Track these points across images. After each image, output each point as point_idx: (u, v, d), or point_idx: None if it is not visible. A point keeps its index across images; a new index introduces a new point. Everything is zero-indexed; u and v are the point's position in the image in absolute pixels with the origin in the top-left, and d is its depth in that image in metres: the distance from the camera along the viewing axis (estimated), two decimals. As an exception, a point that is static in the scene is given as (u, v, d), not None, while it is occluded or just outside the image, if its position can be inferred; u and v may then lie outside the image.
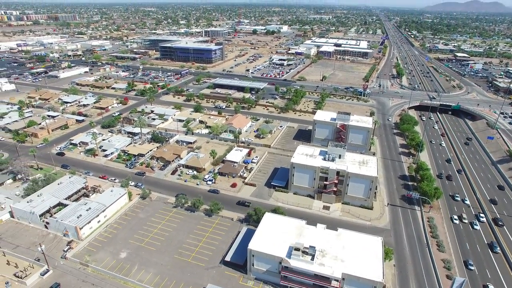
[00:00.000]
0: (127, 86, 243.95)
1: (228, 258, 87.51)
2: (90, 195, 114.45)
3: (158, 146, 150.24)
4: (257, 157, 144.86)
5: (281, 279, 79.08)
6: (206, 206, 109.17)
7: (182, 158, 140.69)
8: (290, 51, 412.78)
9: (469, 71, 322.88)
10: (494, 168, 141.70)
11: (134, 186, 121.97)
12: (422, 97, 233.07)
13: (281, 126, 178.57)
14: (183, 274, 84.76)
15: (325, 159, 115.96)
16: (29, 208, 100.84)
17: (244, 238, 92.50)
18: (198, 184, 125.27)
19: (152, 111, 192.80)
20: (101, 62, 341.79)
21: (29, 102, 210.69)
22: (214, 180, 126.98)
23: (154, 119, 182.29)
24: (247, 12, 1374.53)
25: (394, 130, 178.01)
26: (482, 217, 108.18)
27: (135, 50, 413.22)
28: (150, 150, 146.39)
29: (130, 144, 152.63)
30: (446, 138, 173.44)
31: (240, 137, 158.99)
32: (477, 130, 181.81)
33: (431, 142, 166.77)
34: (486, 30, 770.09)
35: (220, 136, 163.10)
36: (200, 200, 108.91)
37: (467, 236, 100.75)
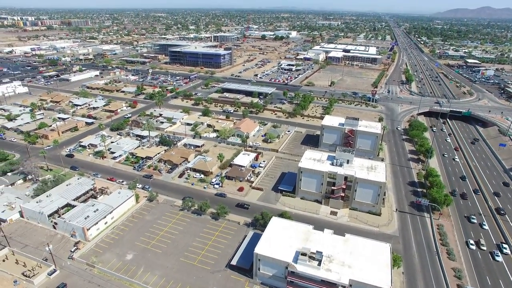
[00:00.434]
0: (136, 89, 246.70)
1: (234, 262, 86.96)
2: (98, 197, 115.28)
3: (166, 149, 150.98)
4: (264, 161, 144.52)
5: (287, 284, 78.12)
6: (212, 209, 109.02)
7: (189, 162, 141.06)
8: (298, 57, 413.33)
9: (480, 78, 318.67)
10: (506, 175, 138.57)
11: (142, 188, 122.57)
12: (431, 103, 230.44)
13: (289, 131, 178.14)
14: (189, 277, 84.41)
15: (333, 164, 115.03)
16: (38, 208, 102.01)
17: (250, 242, 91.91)
18: (205, 187, 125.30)
19: (160, 115, 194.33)
20: (111, 66, 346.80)
21: (40, 105, 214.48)
22: (221, 183, 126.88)
23: (162, 123, 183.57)
24: (256, 18, 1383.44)
25: (403, 136, 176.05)
26: (505, 247, 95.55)
27: (145, 55, 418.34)
28: (158, 153, 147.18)
29: (138, 146, 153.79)
30: (460, 152, 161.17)
31: (247, 141, 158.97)
32: (488, 137, 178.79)
33: (444, 155, 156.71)
34: (498, 36, 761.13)
35: (227, 140, 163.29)
36: (207, 203, 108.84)
37: (487, 267, 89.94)
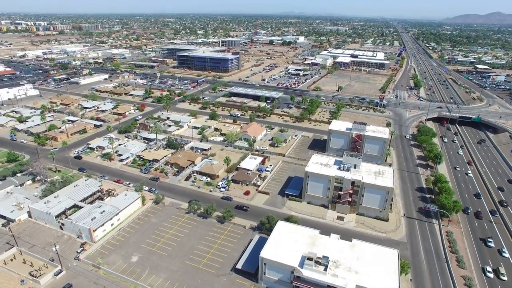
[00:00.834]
0: (145, 93, 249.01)
1: (239, 266, 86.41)
2: (105, 198, 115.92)
3: (172, 152, 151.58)
4: (271, 165, 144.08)
5: (292, 289, 77.26)
6: (218, 213, 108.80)
7: (196, 165, 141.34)
8: (306, 62, 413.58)
9: (490, 83, 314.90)
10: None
11: (148, 191, 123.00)
12: (440, 108, 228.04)
13: (296, 135, 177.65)
14: (194, 281, 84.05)
15: (340, 169, 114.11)
16: (46, 208, 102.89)
17: (256, 246, 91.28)
18: (211, 190, 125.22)
19: (168, 118, 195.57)
20: (120, 70, 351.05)
21: (50, 107, 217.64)
22: (227, 187, 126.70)
23: (169, 126, 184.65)
24: (264, 23, 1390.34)
25: (411, 142, 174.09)
26: None
27: (153, 59, 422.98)
28: (165, 156, 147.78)
29: (145, 149, 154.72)
30: (473, 167, 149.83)
31: (254, 145, 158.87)
32: (499, 143, 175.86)
33: (456, 168, 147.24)
34: (509, 42, 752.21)
35: (234, 143, 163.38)
36: (213, 206, 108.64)
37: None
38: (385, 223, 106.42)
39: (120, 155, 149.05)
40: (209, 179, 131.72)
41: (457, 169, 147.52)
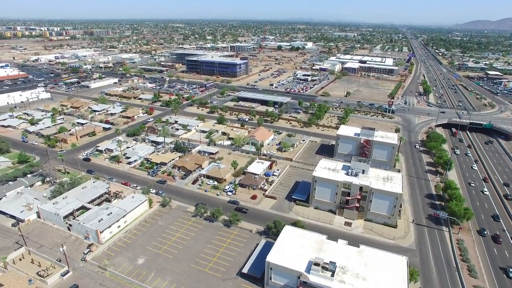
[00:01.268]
0: (153, 97, 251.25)
1: (245, 270, 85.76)
2: (112, 200, 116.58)
3: (180, 156, 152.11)
4: (278, 170, 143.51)
5: (299, 295, 76.20)
6: (225, 216, 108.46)
7: (203, 168, 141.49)
8: (314, 67, 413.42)
9: (502, 89, 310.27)
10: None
11: (155, 193, 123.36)
12: (450, 115, 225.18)
13: (303, 140, 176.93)
14: (199, 284, 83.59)
15: (348, 174, 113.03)
16: (54, 209, 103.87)
17: (262, 250, 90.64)
18: (218, 194, 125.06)
19: (176, 122, 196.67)
20: (129, 74, 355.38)
21: (61, 110, 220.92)
22: (234, 191, 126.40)
23: (177, 129, 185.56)
24: (273, 29, 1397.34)
25: (421, 148, 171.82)
26: None
27: (163, 63, 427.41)
28: (172, 159, 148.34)
29: (153, 152, 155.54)
30: (489, 184, 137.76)
31: (262, 149, 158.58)
32: None
33: (470, 184, 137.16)
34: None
35: (242, 148, 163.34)
36: (219, 210, 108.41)
37: None
38: (393, 230, 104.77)
39: (128, 158, 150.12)
40: (216, 183, 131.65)
41: (471, 185, 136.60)
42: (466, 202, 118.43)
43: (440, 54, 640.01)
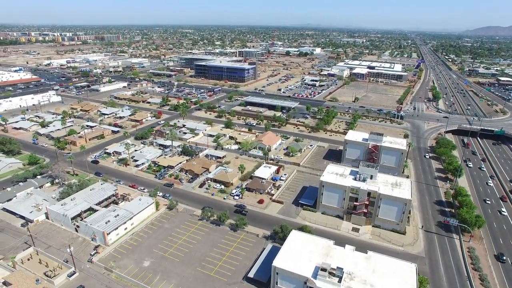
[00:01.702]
0: (162, 101, 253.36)
1: (251, 275, 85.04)
2: (119, 203, 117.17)
3: (187, 159, 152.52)
4: (285, 174, 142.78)
5: (305, 301, 75.12)
6: (231, 220, 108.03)
7: (210, 172, 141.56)
8: (322, 73, 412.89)
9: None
10: None
11: (162, 196, 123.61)
12: (461, 121, 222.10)
13: (311, 145, 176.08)
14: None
15: (355, 179, 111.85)
16: (62, 210, 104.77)
17: (268, 255, 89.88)
18: (225, 198, 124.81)
19: (184, 125, 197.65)
20: (139, 78, 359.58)
21: (71, 113, 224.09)
22: (241, 195, 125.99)
23: (185, 133, 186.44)
24: (281, 34, 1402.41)
25: (430, 154, 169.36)
26: None
27: (171, 68, 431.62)
28: (180, 163, 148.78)
29: (160, 156, 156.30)
30: (508, 202, 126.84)
31: (269, 154, 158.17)
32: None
33: (485, 201, 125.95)
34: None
35: (249, 152, 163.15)
36: (226, 214, 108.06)
37: None
38: (402, 236, 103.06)
39: (135, 161, 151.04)
40: (223, 187, 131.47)
41: (487, 202, 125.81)
42: (484, 227, 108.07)
43: (449, 60, 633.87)
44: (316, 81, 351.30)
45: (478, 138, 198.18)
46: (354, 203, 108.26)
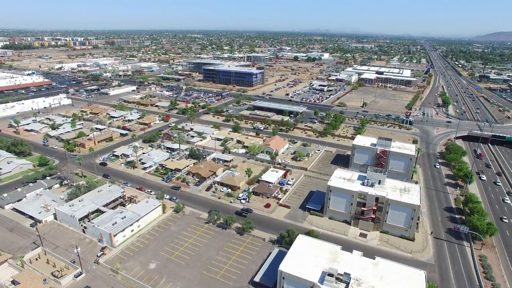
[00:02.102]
0: (170, 104, 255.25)
1: (257, 279, 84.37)
2: (126, 205, 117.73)
3: (195, 163, 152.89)
4: (293, 179, 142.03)
5: (311, 307, 74.05)
6: (238, 224, 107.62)
7: (217, 176, 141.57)
8: (330, 78, 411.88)
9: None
10: None
11: (169, 199, 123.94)
12: (471, 126, 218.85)
13: (318, 150, 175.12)
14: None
15: (363, 184, 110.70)
16: (70, 211, 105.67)
17: (275, 259, 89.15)
18: (231, 202, 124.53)
19: (191, 129, 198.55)
20: (147, 82, 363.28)
21: (81, 116, 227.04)
22: (248, 199, 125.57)
23: (193, 137, 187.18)
24: (289, 40, 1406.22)
25: (439, 160, 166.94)
26: None
27: (180, 72, 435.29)
28: (187, 166, 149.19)
29: (168, 159, 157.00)
30: None
31: (276, 158, 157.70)
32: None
33: (503, 220, 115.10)
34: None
35: (256, 156, 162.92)
36: (232, 217, 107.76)
37: None
38: (411, 243, 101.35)
39: (143, 163, 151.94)
40: (230, 190, 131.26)
41: (504, 220, 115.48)
42: (499, 247, 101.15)
43: (459, 65, 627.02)
44: (324, 86, 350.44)
45: (489, 144, 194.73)
46: (362, 209, 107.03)
